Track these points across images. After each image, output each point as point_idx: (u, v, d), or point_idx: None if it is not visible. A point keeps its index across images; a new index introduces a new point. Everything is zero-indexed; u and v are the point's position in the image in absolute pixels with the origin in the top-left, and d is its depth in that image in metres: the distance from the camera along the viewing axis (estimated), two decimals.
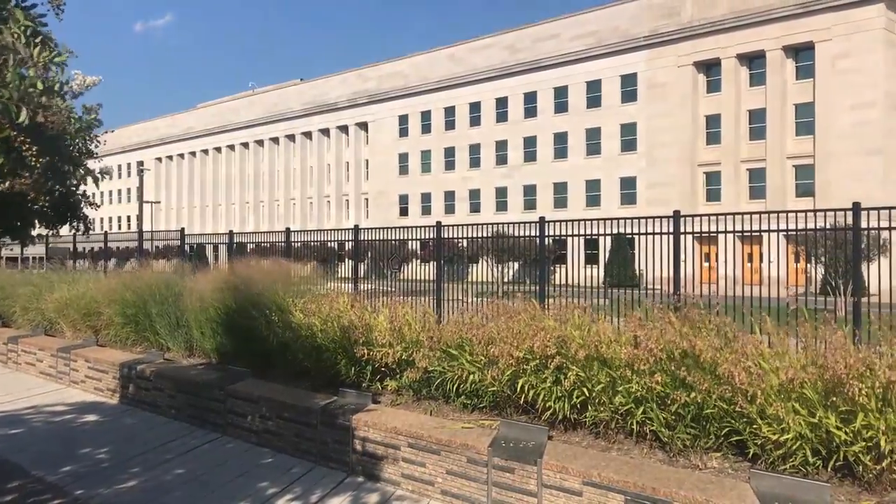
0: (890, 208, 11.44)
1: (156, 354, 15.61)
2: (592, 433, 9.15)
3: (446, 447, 9.16)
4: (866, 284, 25.87)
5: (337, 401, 10.99)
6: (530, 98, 70.21)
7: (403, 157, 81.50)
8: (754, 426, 7.73)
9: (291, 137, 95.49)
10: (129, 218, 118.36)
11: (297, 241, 19.48)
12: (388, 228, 17.37)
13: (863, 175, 50.15)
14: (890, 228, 12.22)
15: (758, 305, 10.16)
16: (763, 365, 7.78)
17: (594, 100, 65.83)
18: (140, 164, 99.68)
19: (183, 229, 26.31)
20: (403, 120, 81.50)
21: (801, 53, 54.89)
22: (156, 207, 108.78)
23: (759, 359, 7.86)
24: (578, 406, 9.20)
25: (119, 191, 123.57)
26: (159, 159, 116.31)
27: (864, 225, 11.49)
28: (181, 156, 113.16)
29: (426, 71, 78.64)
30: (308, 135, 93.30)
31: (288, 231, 19.37)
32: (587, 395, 9.00)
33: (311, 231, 19.92)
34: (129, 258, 28.07)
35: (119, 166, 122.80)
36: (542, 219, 14.49)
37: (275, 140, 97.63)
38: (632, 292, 12.33)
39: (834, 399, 7.32)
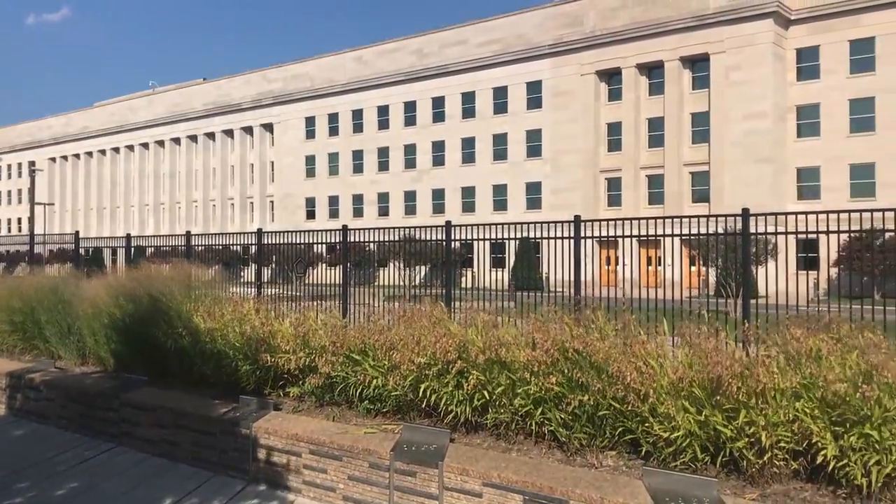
0: (777, 214, 12.06)
1: (46, 363, 14.95)
2: (494, 435, 9.28)
3: (348, 453, 9.13)
4: (757, 286, 27.06)
5: (237, 408, 10.79)
6: (438, 103, 70.65)
7: (310, 160, 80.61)
8: (646, 424, 8.01)
9: (193, 138, 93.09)
10: (19, 220, 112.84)
11: (199, 245, 19.03)
12: (292, 232, 17.16)
13: (754, 182, 52.58)
14: (776, 233, 12.87)
15: (656, 307, 10.52)
16: (653, 364, 8.07)
17: (501, 106, 66.77)
18: (32, 164, 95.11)
19: (77, 233, 25.29)
20: (310, 122, 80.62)
21: (697, 64, 57.14)
22: (49, 210, 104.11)
23: (650, 358, 8.15)
24: (480, 409, 9.32)
25: (9, 192, 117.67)
26: (53, 159, 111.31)
27: (753, 230, 12.07)
28: (77, 156, 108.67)
29: (333, 73, 78.06)
30: (211, 135, 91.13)
31: (188, 234, 18.89)
32: (488, 397, 9.13)
33: (213, 234, 19.49)
34: (19, 263, 26.78)
35: (9, 166, 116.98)
36: (448, 223, 14.61)
37: (176, 141, 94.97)
38: (537, 295, 12.58)
39: (718, 397, 7.66)
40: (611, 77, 61.24)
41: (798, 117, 54.27)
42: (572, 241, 12.66)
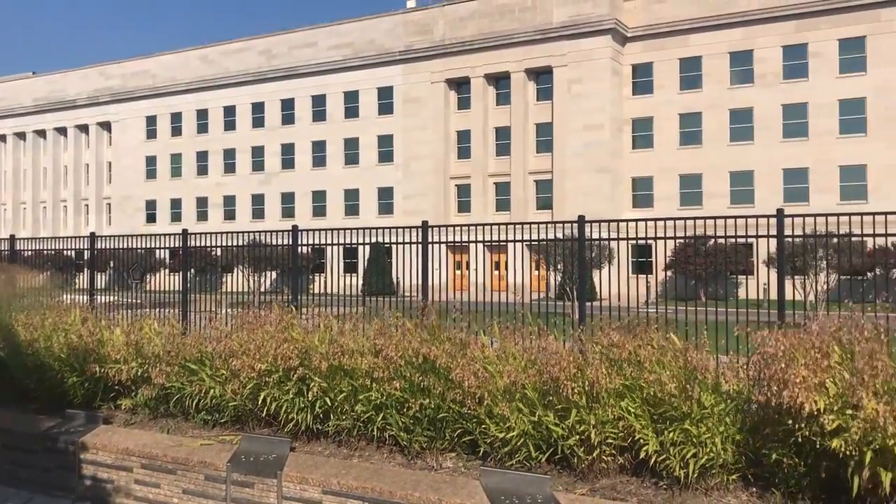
0: (609, 221, 12.68)
1: None
2: (336, 442, 9.22)
3: (183, 465, 8.79)
4: (599, 289, 28.00)
5: (63, 423, 10.15)
6: (288, 105, 69.40)
7: (151, 161, 77.02)
8: (484, 426, 8.22)
9: (21, 136, 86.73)
10: None
11: (27, 250, 17.75)
12: (130, 236, 16.33)
13: (593, 190, 55.11)
14: (609, 239, 13.53)
15: (503, 311, 10.77)
16: (490, 369, 8.28)
17: (352, 110, 66.49)
18: None
19: None
20: (151, 121, 77.05)
21: (542, 76, 59.25)
22: None
23: (486, 363, 8.36)
24: (321, 416, 9.23)
25: None
26: None
27: (592, 236, 12.63)
28: None
29: (177, 71, 75.02)
30: (41, 133, 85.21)
31: (13, 239, 17.58)
32: (330, 404, 9.06)
33: (42, 239, 18.22)
34: None
35: None
36: (294, 227, 14.38)
37: (1, 138, 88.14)
38: (388, 300, 12.57)
39: (551, 398, 7.97)
40: (460, 86, 62.37)
41: (633, 130, 57.37)
42: (421, 246, 12.78)
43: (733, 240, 13.36)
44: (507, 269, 17.05)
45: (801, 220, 12.27)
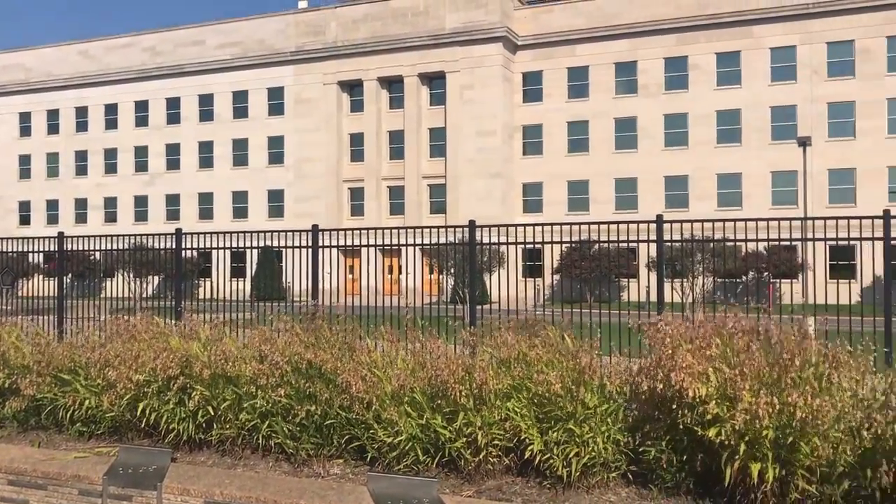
0: (499, 226, 12.86)
1: None
2: (220, 451, 8.97)
3: (55, 480, 8.34)
4: (489, 293, 28.34)
5: None
6: (173, 104, 67.18)
7: (25, 160, 72.93)
8: (372, 431, 8.17)
9: None
10: None
11: None
12: (1, 239, 15.44)
13: (486, 195, 55.88)
14: (499, 243, 13.71)
15: (395, 315, 10.72)
16: (378, 373, 8.25)
17: (241, 110, 65.00)
18: None
19: None
20: (25, 118, 72.97)
21: (435, 81, 59.63)
22: None
23: (374, 367, 8.32)
24: (204, 425, 8.96)
25: None
26: None
27: (485, 240, 12.79)
28: None
29: (54, 66, 71.36)
30: None
31: None
32: (213, 413, 8.80)
33: None
34: None
35: None
36: (178, 230, 13.94)
37: None
38: (277, 306, 12.33)
39: (439, 401, 8.01)
40: (353, 88, 62.02)
41: (524, 136, 58.52)
42: (311, 250, 12.64)
43: (617, 244, 13.89)
44: (400, 272, 17.05)
45: (678, 226, 12.85)
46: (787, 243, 24.25)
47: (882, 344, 8.82)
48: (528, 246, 13.23)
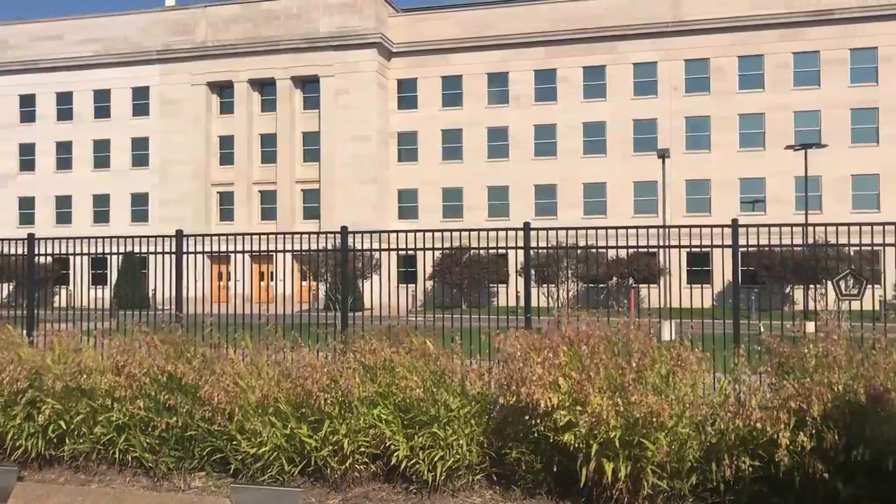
0: (372, 232, 12.87)
1: None
2: (72, 467, 8.54)
3: None
4: (363, 299, 28.21)
5: None
6: (28, 101, 63.25)
7: None
8: (234, 442, 7.99)
9: None
10: None
11: None
12: None
13: (361, 201, 55.64)
14: (371, 249, 13.73)
15: (265, 323, 10.48)
16: (242, 384, 8.08)
17: (103, 110, 62.01)
18: None
19: None
20: None
21: (309, 85, 58.91)
22: None
23: (237, 378, 8.14)
24: (56, 440, 8.51)
25: None
26: None
27: (359, 246, 12.77)
28: None
29: None
30: None
31: None
32: (65, 427, 8.38)
33: None
34: None
35: None
36: (30, 235, 13.21)
37: None
38: (141, 314, 11.84)
39: (304, 410, 7.93)
40: (223, 90, 60.41)
41: (399, 143, 58.76)
42: (175, 256, 12.24)
43: (490, 251, 14.19)
44: (272, 280, 16.77)
45: (547, 233, 13.27)
46: (648, 250, 25.47)
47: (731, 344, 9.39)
48: (402, 252, 13.33)
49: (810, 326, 9.11)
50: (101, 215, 61.35)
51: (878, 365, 6.97)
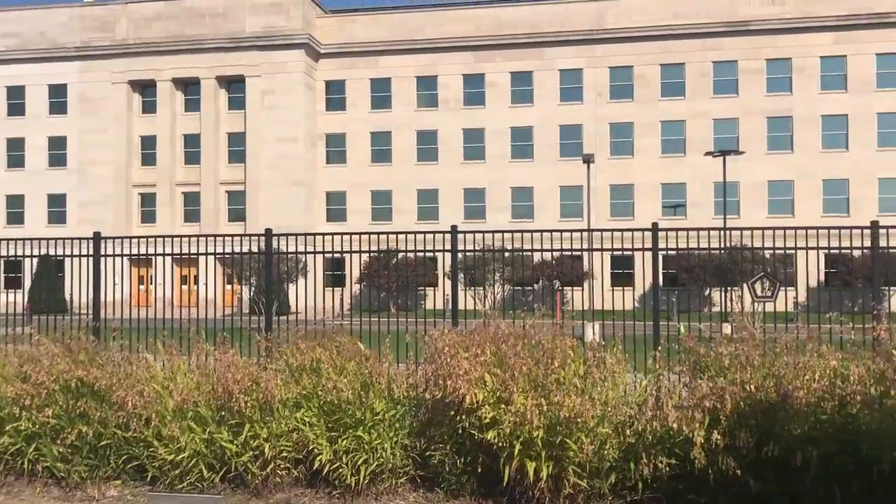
0: (297, 234, 12.69)
1: None
2: None
3: None
4: (290, 303, 28.01)
5: None
6: None
7: None
8: (151, 449, 7.77)
9: None
10: None
11: None
12: None
13: (288, 203, 54.90)
14: (297, 252, 13.55)
15: (186, 326, 10.23)
16: (159, 388, 7.87)
17: (17, 107, 59.64)
18: None
19: None
20: None
21: (234, 85, 57.86)
22: None
23: (154, 382, 7.93)
24: None
25: None
26: None
27: (287, 249, 12.60)
28: None
29: None
30: None
31: None
32: None
33: None
34: None
35: None
36: None
37: None
38: (57, 319, 11.42)
39: (224, 413, 7.77)
40: (145, 88, 58.89)
41: (327, 144, 58.25)
42: (93, 259, 11.87)
43: (419, 254, 14.20)
44: (196, 283, 16.38)
45: (476, 236, 13.36)
46: (573, 253, 25.89)
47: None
48: (330, 255, 13.22)
49: (727, 328, 9.38)
50: (16, 216, 59.09)
51: (788, 365, 7.22)
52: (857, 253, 14.24)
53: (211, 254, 12.71)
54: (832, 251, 12.78)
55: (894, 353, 6.94)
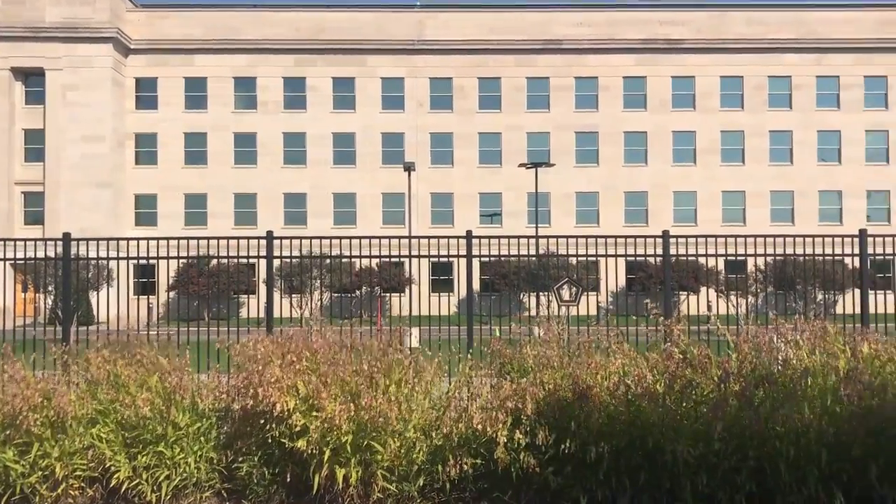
0: (100, 239, 11.97)
1: None
2: None
3: None
4: (93, 311, 26.37)
5: None
6: None
7: None
8: None
9: None
10: None
11: None
12: None
13: (92, 206, 51.42)
14: (98, 258, 12.78)
15: None
16: None
17: None
18: None
19: None
20: None
21: (33, 78, 53.52)
22: None
23: None
24: None
25: None
26: None
27: (91, 254, 11.83)
28: None
29: None
30: None
31: None
32: None
33: None
34: None
35: None
36: None
37: None
38: None
39: (10, 432, 7.20)
40: None
41: (137, 145, 55.18)
42: None
43: (227, 260, 13.80)
44: None
45: (295, 242, 13.19)
46: (392, 260, 26.18)
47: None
48: (136, 261, 12.58)
49: (537, 330, 9.83)
50: None
51: (584, 364, 7.68)
52: (651, 260, 15.46)
53: (6, 259, 11.85)
54: (629, 258, 13.79)
55: (676, 350, 7.57)
